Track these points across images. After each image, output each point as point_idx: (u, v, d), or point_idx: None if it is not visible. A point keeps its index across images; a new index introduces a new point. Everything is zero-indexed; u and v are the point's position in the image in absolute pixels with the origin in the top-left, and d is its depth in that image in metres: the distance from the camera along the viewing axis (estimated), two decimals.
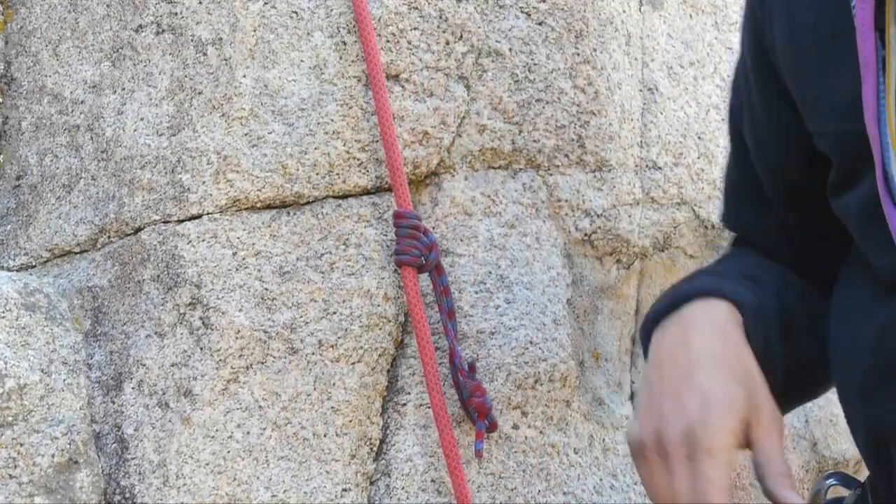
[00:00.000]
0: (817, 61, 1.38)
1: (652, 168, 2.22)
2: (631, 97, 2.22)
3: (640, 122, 2.23)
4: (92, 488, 1.70)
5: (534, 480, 1.96)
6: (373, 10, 1.91)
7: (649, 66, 2.31)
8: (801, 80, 1.42)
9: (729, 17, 2.51)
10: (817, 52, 1.38)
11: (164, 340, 1.76)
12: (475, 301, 1.97)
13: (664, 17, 2.39)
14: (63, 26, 1.94)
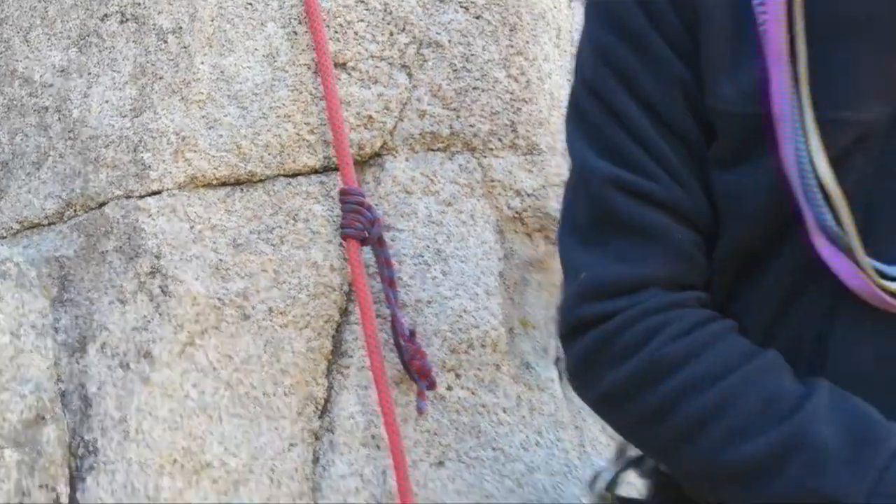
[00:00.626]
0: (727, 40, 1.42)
1: None
2: (560, 86, 2.22)
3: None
4: (58, 442, 1.73)
5: (465, 437, 2.01)
6: (322, 3, 1.96)
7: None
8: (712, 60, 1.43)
9: None
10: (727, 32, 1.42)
11: (126, 306, 1.79)
12: (414, 272, 2.01)
13: None
14: (33, 14, 1.96)
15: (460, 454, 2.01)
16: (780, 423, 1.30)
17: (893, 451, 1.26)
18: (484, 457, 2.03)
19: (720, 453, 1.33)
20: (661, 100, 1.40)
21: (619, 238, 1.40)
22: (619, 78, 1.41)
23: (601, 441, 2.28)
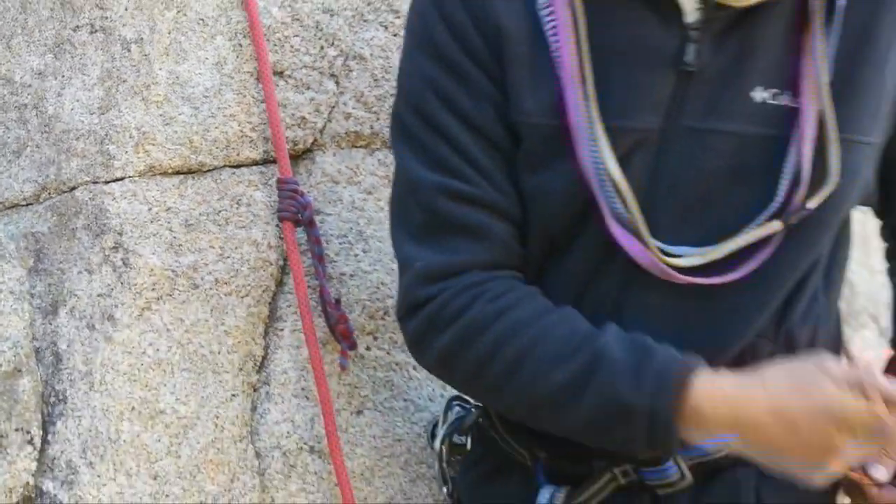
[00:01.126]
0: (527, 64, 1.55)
1: None
2: None
3: None
4: (32, 392, 1.81)
5: (381, 389, 2.09)
6: (264, 20, 2.01)
7: None
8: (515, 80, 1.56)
9: None
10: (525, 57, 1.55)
11: (92, 276, 1.87)
12: (339, 250, 2.08)
13: None
14: (15, 24, 1.99)
15: (376, 404, 2.09)
16: (580, 352, 1.45)
17: (664, 357, 1.43)
18: (396, 407, 2.12)
19: (535, 386, 1.48)
20: (477, 115, 1.54)
21: (445, 234, 1.54)
22: (439, 98, 1.54)
23: None
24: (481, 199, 1.56)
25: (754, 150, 1.56)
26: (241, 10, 2.02)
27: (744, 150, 1.55)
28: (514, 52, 1.56)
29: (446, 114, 1.57)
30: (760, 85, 1.54)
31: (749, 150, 1.55)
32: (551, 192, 1.58)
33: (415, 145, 1.61)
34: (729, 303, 1.56)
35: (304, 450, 2.02)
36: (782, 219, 1.52)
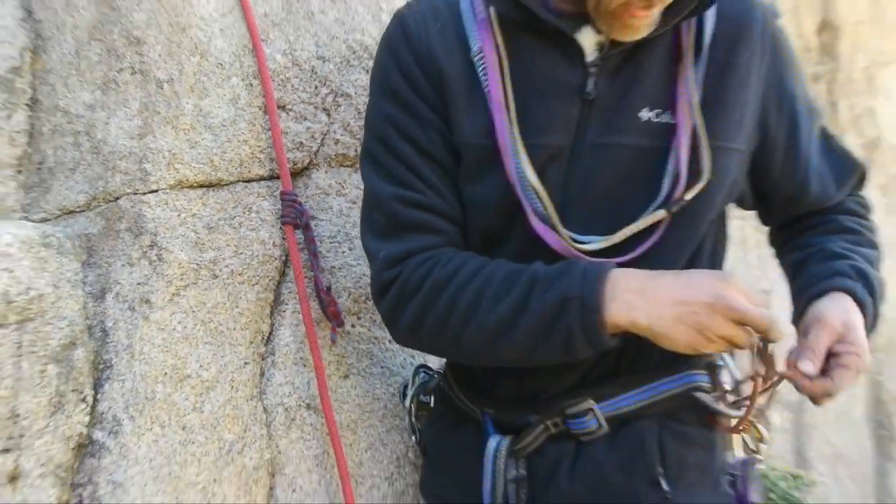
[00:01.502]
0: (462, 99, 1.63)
1: None
2: None
3: None
4: (85, 360, 1.81)
5: (363, 358, 2.11)
6: (270, 65, 2.00)
7: None
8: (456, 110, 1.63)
9: None
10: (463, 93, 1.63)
11: (132, 268, 1.85)
12: (330, 248, 2.08)
13: None
14: (70, 67, 1.96)
15: (359, 370, 2.11)
16: (519, 280, 1.51)
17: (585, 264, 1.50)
18: (375, 372, 2.14)
19: (489, 321, 1.52)
20: (425, 141, 1.60)
21: (402, 231, 1.60)
22: (396, 129, 1.61)
23: None
24: (429, 204, 1.63)
25: (644, 158, 1.62)
26: (251, 56, 2.00)
27: (635, 158, 1.61)
28: (453, 89, 1.63)
29: (401, 141, 1.64)
30: (646, 107, 1.61)
31: (640, 158, 1.61)
32: (486, 197, 1.64)
33: (378, 166, 1.67)
34: None
35: (302, 406, 2.03)
36: (666, 208, 1.58)
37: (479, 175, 1.65)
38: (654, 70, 1.65)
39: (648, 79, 1.64)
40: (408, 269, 1.62)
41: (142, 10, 1.93)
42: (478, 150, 1.64)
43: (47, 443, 1.74)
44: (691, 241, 1.68)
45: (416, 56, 1.67)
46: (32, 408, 1.72)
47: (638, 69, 1.64)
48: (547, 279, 1.53)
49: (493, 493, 1.72)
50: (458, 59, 1.66)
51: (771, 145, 1.77)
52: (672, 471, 1.68)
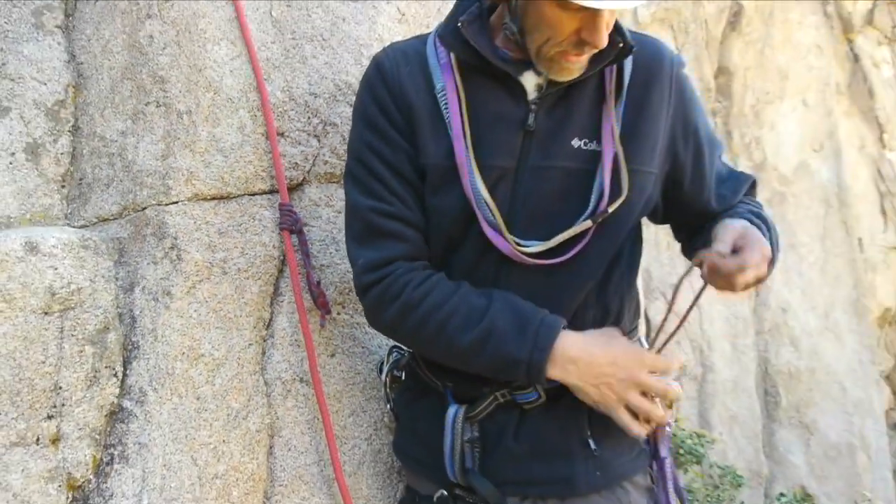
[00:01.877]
0: (428, 128, 1.65)
1: None
2: None
3: None
4: (116, 342, 1.81)
5: (346, 340, 2.10)
6: (271, 99, 1.99)
7: None
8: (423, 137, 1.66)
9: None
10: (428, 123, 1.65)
11: (156, 266, 1.84)
12: (320, 249, 2.06)
13: None
14: (106, 101, 1.97)
15: (343, 350, 2.09)
16: (481, 321, 1.53)
17: (540, 319, 1.53)
18: (357, 352, 2.12)
19: (452, 346, 1.57)
20: (396, 162, 1.62)
21: (377, 239, 1.62)
22: (373, 153, 1.62)
23: None
24: (399, 214, 1.64)
25: (575, 178, 1.64)
26: (256, 92, 1.99)
27: (568, 178, 1.64)
28: (421, 119, 1.64)
29: (377, 162, 1.66)
30: (576, 137, 1.64)
31: (571, 178, 1.64)
32: (447, 208, 1.65)
33: (357, 183, 1.68)
34: (562, 277, 1.63)
35: (296, 380, 2.02)
36: (592, 219, 1.61)
37: (442, 190, 1.67)
38: (583, 107, 1.68)
39: (579, 114, 1.67)
40: (386, 281, 1.65)
41: (165, 55, 1.93)
42: (440, 169, 1.66)
43: (84, 410, 1.75)
44: (613, 246, 1.70)
45: (390, 92, 1.68)
46: (72, 381, 1.73)
47: (570, 106, 1.67)
48: (504, 334, 1.57)
49: (453, 451, 1.74)
50: (424, 96, 1.68)
51: (680, 169, 1.78)
52: (598, 433, 1.71)
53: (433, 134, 1.66)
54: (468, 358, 1.61)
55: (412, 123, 1.67)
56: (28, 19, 1.99)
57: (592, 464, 1.69)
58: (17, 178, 1.89)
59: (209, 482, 1.82)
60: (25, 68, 1.97)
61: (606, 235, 1.67)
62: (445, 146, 1.65)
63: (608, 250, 1.69)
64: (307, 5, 2.14)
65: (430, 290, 1.63)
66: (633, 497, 1.73)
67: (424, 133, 1.67)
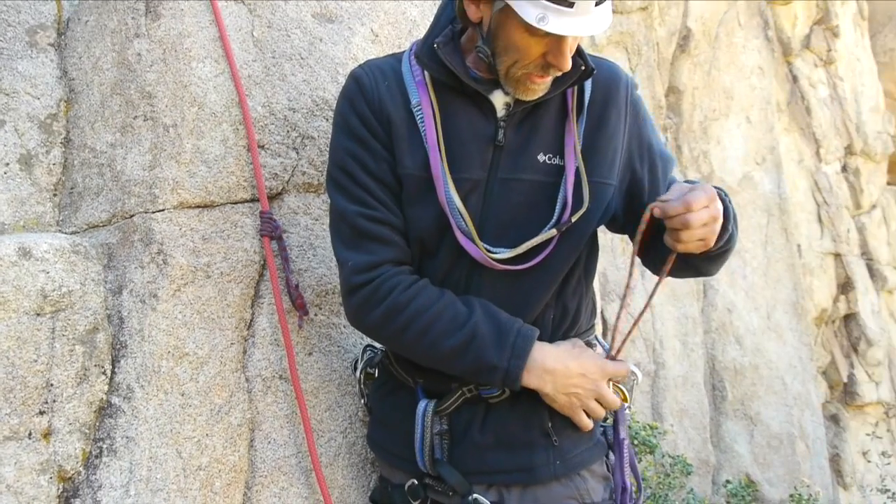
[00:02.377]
0: (405, 140, 1.66)
1: None
2: None
3: None
4: (105, 342, 1.79)
5: (323, 339, 2.08)
6: (252, 114, 1.98)
7: None
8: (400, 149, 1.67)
9: None
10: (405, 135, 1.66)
11: (143, 270, 1.82)
12: (298, 255, 2.05)
13: None
14: (97, 115, 1.95)
15: (320, 349, 2.08)
16: (462, 328, 1.54)
17: (517, 330, 1.54)
18: (333, 350, 2.10)
19: (433, 351, 1.58)
20: (377, 170, 1.63)
21: (366, 242, 1.61)
22: (356, 161, 1.63)
23: None
24: (383, 218, 1.65)
25: (540, 190, 1.66)
26: (238, 107, 1.99)
27: (534, 190, 1.65)
28: (398, 132, 1.65)
29: (359, 170, 1.66)
30: (542, 152, 1.66)
31: (537, 190, 1.65)
32: (423, 217, 1.66)
33: (342, 190, 1.68)
34: (528, 282, 1.64)
35: (276, 377, 2.01)
36: (556, 228, 1.62)
37: (418, 199, 1.68)
38: (548, 124, 1.70)
39: (543, 131, 1.69)
40: (374, 283, 1.65)
41: (153, 72, 1.92)
42: (416, 179, 1.67)
43: (74, 406, 1.73)
44: (575, 252, 1.72)
45: (370, 104, 1.69)
46: (63, 379, 1.72)
47: (536, 123, 1.69)
48: (484, 341, 1.60)
49: (423, 443, 1.75)
50: (401, 110, 1.69)
51: (638, 182, 1.79)
52: (558, 424, 1.72)
53: (409, 146, 1.68)
54: (449, 361, 1.63)
55: (391, 134, 1.68)
56: (22, 37, 1.99)
57: (552, 454, 1.71)
58: (11, 186, 1.89)
59: (193, 473, 1.80)
60: (20, 83, 1.96)
61: (569, 243, 1.69)
62: (421, 158, 1.66)
63: (570, 257, 1.70)
64: (286, 26, 2.14)
65: (416, 294, 1.64)
66: (591, 484, 1.75)
67: (402, 145, 1.68)
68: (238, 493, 1.88)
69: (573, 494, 1.72)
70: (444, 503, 1.77)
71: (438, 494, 1.76)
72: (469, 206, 1.65)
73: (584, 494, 1.72)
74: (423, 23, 2.46)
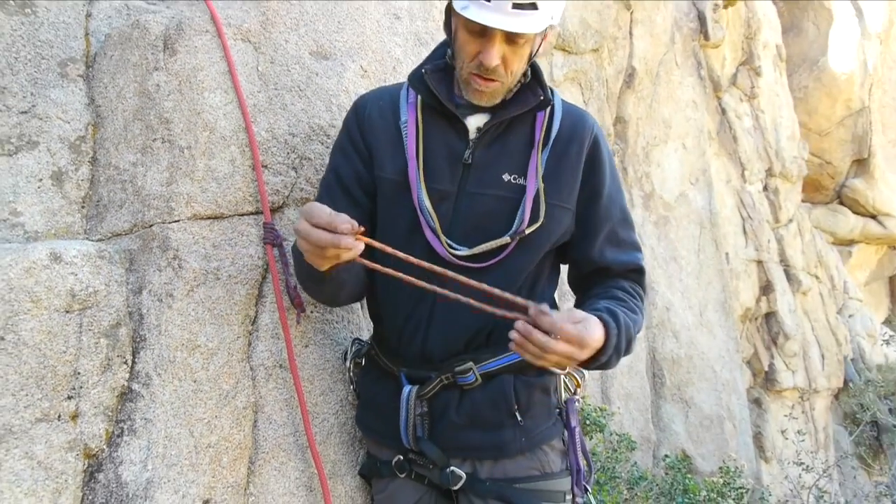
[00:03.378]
0: (388, 150, 1.70)
1: None
2: None
3: None
4: (127, 335, 1.77)
5: (317, 333, 2.08)
6: (257, 138, 1.98)
7: None
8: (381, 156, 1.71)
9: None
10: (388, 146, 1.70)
11: (161, 273, 1.81)
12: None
13: None
14: (120, 137, 1.93)
15: (315, 341, 2.07)
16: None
17: None
18: (326, 343, 2.08)
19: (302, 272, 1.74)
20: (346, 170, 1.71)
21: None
22: (332, 161, 1.74)
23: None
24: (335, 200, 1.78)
25: (504, 204, 1.66)
26: (244, 132, 1.98)
27: (498, 203, 1.66)
28: (382, 144, 1.70)
29: (333, 173, 1.76)
30: (507, 171, 1.66)
31: (501, 204, 1.66)
32: (398, 217, 1.69)
33: (322, 183, 1.80)
34: (486, 281, 1.59)
35: (277, 366, 1.99)
36: (510, 236, 1.63)
37: (394, 202, 1.71)
38: (516, 148, 1.71)
39: (511, 154, 1.71)
40: None
41: (170, 100, 1.92)
42: (393, 183, 1.71)
43: (99, 392, 1.72)
44: (531, 261, 1.72)
45: (359, 125, 1.76)
46: (89, 368, 1.71)
47: (505, 146, 1.70)
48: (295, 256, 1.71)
49: (407, 423, 1.76)
50: (390, 126, 1.73)
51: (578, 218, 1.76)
52: (523, 407, 1.74)
53: (391, 155, 1.71)
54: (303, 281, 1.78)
55: (371, 148, 1.74)
56: (55, 69, 1.98)
57: (518, 432, 1.72)
58: (44, 199, 1.88)
59: (203, 450, 1.80)
60: (52, 109, 1.95)
61: (526, 251, 1.70)
62: (400, 165, 1.70)
63: (526, 264, 1.71)
64: (287, 62, 2.14)
65: None
66: (551, 457, 1.77)
67: (384, 154, 1.72)
68: (243, 467, 1.88)
69: (536, 466, 1.74)
70: (425, 475, 1.77)
71: (420, 468, 1.78)
72: (439, 212, 1.67)
73: (544, 465, 1.74)
74: (405, 60, 2.48)
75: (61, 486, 1.63)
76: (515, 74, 1.61)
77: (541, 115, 1.71)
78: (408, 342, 1.76)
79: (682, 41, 6.64)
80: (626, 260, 1.77)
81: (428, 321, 1.74)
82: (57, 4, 2.02)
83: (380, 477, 1.90)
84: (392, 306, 1.78)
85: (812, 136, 10.18)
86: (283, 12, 2.15)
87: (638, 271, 1.78)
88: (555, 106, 1.73)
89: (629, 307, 1.67)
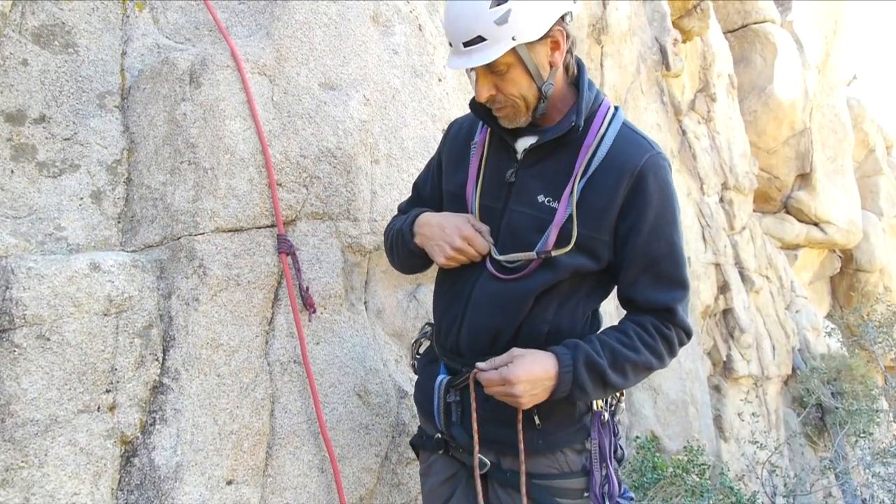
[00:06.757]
0: (454, 166, 1.70)
1: (372, 220, 2.20)
2: (371, 195, 2.23)
3: (370, 202, 2.22)
4: (158, 336, 1.76)
5: (328, 332, 2.04)
6: (272, 159, 1.97)
7: (375, 182, 2.25)
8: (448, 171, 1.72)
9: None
10: (455, 162, 1.71)
11: (188, 279, 1.81)
12: (308, 267, 2.04)
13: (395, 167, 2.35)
14: (152, 160, 1.93)
15: (325, 338, 2.05)
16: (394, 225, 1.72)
17: (417, 212, 1.71)
18: (335, 341, 2.08)
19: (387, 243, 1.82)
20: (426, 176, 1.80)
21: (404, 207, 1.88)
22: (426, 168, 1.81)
23: (382, 334, 2.31)
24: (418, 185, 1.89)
25: (538, 223, 1.57)
26: (261, 155, 1.97)
27: (531, 222, 1.57)
28: (453, 160, 1.72)
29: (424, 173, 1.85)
30: (542, 194, 1.57)
31: (534, 222, 1.57)
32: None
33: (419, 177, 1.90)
34: (510, 290, 1.57)
35: (291, 362, 1.98)
36: (536, 253, 1.54)
37: (454, 211, 1.71)
38: (556, 172, 1.59)
39: (551, 177, 1.59)
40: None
41: (195, 127, 1.92)
42: (454, 196, 1.71)
43: (133, 386, 1.72)
44: (555, 279, 1.58)
45: (444, 140, 1.81)
46: (125, 364, 1.71)
47: (546, 169, 1.59)
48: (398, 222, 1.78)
49: (438, 408, 1.71)
50: (462, 146, 1.74)
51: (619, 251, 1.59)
52: (543, 412, 1.60)
53: (456, 171, 1.73)
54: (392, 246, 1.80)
55: (442, 162, 1.80)
56: (94, 101, 1.98)
57: (535, 434, 1.61)
58: (84, 216, 1.87)
59: (226, 437, 1.79)
60: (92, 136, 1.94)
61: (549, 271, 1.57)
62: (461, 180, 1.70)
63: (549, 280, 1.58)
64: (298, 93, 2.13)
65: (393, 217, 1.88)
66: (570, 457, 1.64)
67: (450, 169, 1.75)
68: (262, 451, 1.86)
69: (554, 465, 1.63)
70: (457, 457, 1.72)
71: (454, 449, 1.71)
72: (487, 221, 1.64)
73: (563, 465, 1.63)
74: (402, 90, 2.46)
75: (101, 469, 1.63)
76: (520, 95, 1.51)
77: (588, 140, 1.54)
78: (445, 335, 1.69)
79: (647, 71, 6.68)
80: (654, 298, 1.57)
81: (461, 319, 1.66)
82: (96, 44, 2.02)
83: (424, 449, 1.81)
84: (439, 301, 1.74)
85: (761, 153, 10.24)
86: (295, 48, 2.14)
87: (668, 311, 1.57)
88: (608, 132, 1.55)
89: (629, 342, 1.53)
